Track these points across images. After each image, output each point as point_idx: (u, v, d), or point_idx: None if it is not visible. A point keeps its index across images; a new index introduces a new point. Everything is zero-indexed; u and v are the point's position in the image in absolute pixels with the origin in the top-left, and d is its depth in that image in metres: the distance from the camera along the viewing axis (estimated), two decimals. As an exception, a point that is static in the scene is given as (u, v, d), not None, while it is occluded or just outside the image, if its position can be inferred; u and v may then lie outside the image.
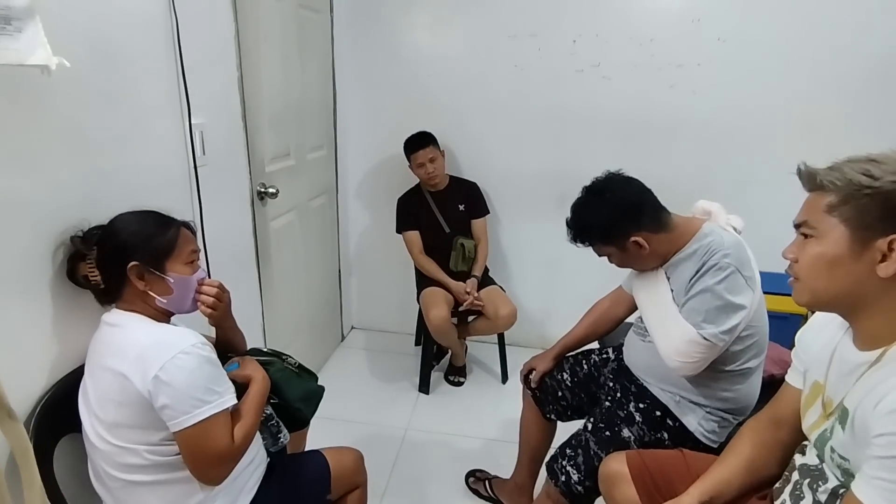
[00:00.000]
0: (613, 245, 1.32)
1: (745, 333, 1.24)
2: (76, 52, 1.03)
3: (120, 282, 1.02)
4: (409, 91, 2.56)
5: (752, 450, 1.06)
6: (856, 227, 0.78)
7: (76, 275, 1.05)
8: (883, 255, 0.76)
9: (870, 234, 0.76)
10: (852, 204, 0.78)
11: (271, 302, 2.01)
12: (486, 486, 1.85)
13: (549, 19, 2.36)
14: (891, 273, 0.75)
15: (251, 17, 1.74)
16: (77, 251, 1.05)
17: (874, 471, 0.73)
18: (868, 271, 0.77)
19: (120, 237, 1.02)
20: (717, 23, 2.24)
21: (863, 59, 2.17)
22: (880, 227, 0.75)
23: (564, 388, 1.60)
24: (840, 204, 0.79)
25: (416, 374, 2.49)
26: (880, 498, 0.71)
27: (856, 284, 0.79)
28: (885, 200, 0.75)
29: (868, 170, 0.76)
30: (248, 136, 1.76)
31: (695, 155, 2.40)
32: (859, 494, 0.74)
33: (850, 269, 0.79)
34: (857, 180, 0.77)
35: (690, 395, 1.31)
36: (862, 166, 0.77)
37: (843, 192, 0.78)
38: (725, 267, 1.19)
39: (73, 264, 1.05)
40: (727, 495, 1.04)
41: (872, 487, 0.73)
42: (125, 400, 0.94)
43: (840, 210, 0.79)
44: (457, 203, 2.43)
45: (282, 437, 1.25)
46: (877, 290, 0.78)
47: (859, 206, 0.77)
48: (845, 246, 0.78)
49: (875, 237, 0.76)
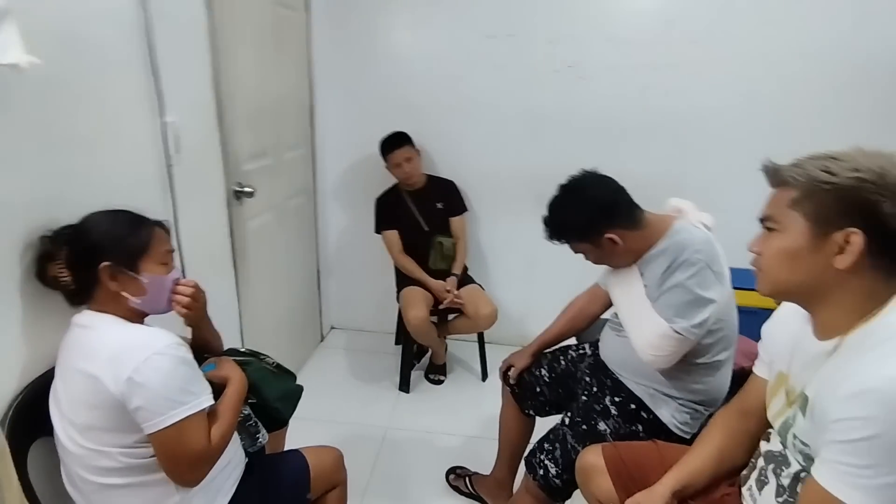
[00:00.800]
0: (589, 242, 1.35)
1: (715, 327, 1.28)
2: (46, 49, 1.01)
3: (91, 282, 1.00)
4: (387, 90, 2.56)
5: (721, 439, 1.09)
6: (815, 222, 0.81)
7: (45, 275, 1.03)
8: (840, 248, 0.79)
9: (828, 228, 0.80)
10: (813, 199, 0.81)
11: (249, 303, 1.99)
12: (466, 483, 1.86)
13: (527, 20, 2.39)
14: (847, 265, 0.79)
15: (225, 14, 1.72)
16: (46, 251, 1.02)
17: (832, 455, 0.76)
18: (826, 263, 0.80)
19: (91, 237, 1.01)
20: (689, 25, 2.30)
21: (829, 62, 2.25)
22: (838, 221, 0.79)
23: (542, 384, 1.62)
24: (801, 199, 0.82)
25: (396, 373, 2.50)
26: (838, 481, 0.75)
27: (815, 276, 0.82)
28: (842, 196, 0.78)
29: (827, 166, 0.80)
30: (223, 135, 1.74)
31: (668, 154, 2.46)
32: (818, 478, 0.77)
33: (809, 262, 0.82)
34: (817, 176, 0.80)
35: (664, 388, 1.35)
36: (822, 163, 0.81)
37: (805, 188, 0.81)
38: (696, 262, 1.23)
39: (42, 265, 1.03)
40: (698, 483, 1.08)
41: (831, 471, 0.76)
42: (98, 402, 0.92)
43: (801, 205, 0.82)
44: (435, 201, 2.44)
45: (260, 437, 1.25)
46: (834, 281, 0.81)
47: (819, 201, 0.80)
48: (806, 239, 0.82)
49: (833, 231, 0.79)
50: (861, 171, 0.77)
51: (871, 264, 0.78)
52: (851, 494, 0.73)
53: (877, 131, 2.20)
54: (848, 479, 0.73)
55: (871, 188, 0.76)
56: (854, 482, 0.73)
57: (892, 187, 0.76)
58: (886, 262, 0.79)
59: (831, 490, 0.75)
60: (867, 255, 0.78)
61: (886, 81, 2.23)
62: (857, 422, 0.72)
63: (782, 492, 0.91)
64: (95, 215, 1.04)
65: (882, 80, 2.24)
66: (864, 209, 0.77)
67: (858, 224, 0.77)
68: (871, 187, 0.76)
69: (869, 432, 0.71)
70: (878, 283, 0.80)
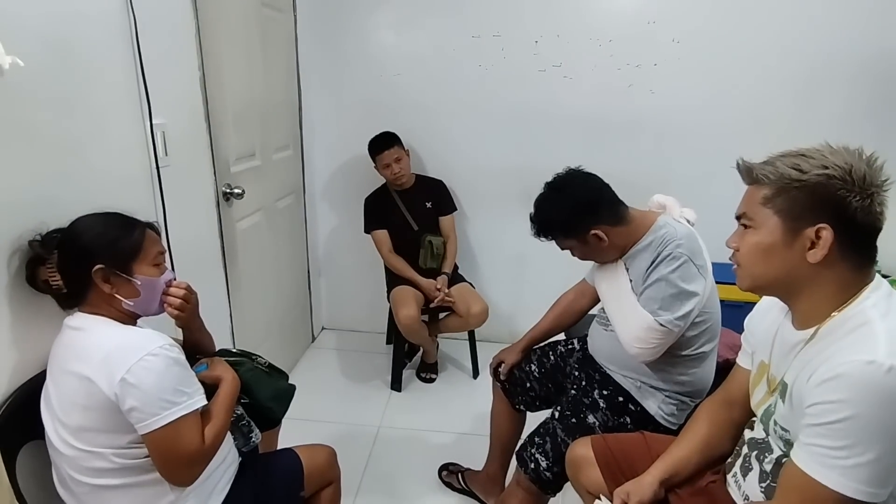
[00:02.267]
0: (574, 238, 1.37)
1: (698, 319, 1.31)
2: (30, 50, 1.01)
3: (84, 285, 1.00)
4: (375, 90, 2.57)
5: (707, 429, 1.12)
6: (787, 218, 0.84)
7: (36, 280, 1.03)
8: (812, 243, 0.82)
9: (800, 224, 0.83)
10: (784, 196, 0.84)
11: (239, 304, 1.99)
12: (458, 479, 1.88)
13: (512, 20, 2.41)
14: (819, 259, 0.82)
15: (212, 16, 1.72)
16: (36, 255, 1.02)
17: (809, 438, 0.79)
18: (800, 258, 0.83)
19: (83, 240, 1.01)
20: (671, 24, 2.33)
21: (809, 60, 2.30)
22: (809, 216, 0.82)
23: (532, 379, 1.64)
24: (774, 196, 0.85)
25: (387, 372, 2.51)
26: (815, 463, 0.78)
27: (789, 270, 0.86)
28: (811, 192, 0.81)
29: (797, 164, 0.83)
30: (211, 137, 1.74)
31: (652, 151, 2.49)
32: (797, 460, 0.81)
33: (783, 256, 0.85)
34: (788, 174, 0.83)
35: (650, 381, 1.37)
36: (792, 161, 0.84)
37: (776, 186, 0.84)
38: (679, 256, 1.26)
39: (32, 269, 1.03)
40: (685, 472, 1.10)
41: (808, 454, 0.79)
42: (91, 404, 0.93)
43: (774, 202, 0.85)
44: (424, 201, 2.45)
45: (253, 436, 1.25)
46: (808, 274, 0.84)
47: (790, 198, 0.83)
48: (779, 235, 0.85)
49: (804, 226, 0.82)
50: (829, 168, 0.80)
51: (841, 256, 0.82)
52: (828, 475, 0.76)
53: (852, 127, 2.27)
54: (824, 461, 0.76)
55: (839, 184, 0.79)
56: (830, 463, 0.76)
57: (860, 182, 0.79)
58: (856, 254, 0.82)
59: (808, 471, 0.78)
60: (837, 248, 0.81)
61: (862, 79, 2.29)
62: (830, 405, 0.75)
63: (765, 477, 0.94)
64: (85, 218, 1.04)
65: (858, 78, 2.29)
66: (833, 205, 0.80)
67: (828, 219, 0.80)
68: (838, 183, 0.79)
69: (842, 415, 0.74)
70: (850, 273, 0.83)
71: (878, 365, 0.73)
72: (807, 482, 0.78)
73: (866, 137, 0.97)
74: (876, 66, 2.27)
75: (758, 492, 0.95)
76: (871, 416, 0.73)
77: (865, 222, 0.80)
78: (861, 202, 0.79)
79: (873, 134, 2.26)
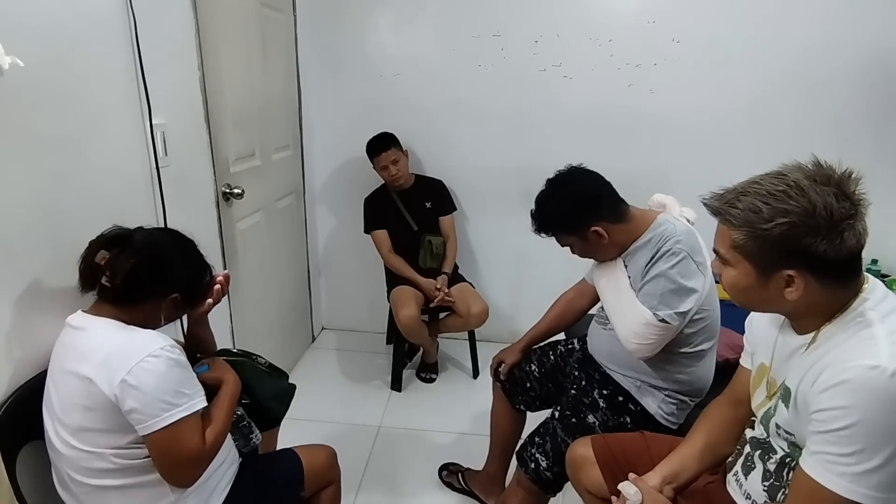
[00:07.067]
0: (575, 235, 1.37)
1: (697, 317, 1.30)
2: (30, 51, 1.01)
3: (145, 298, 1.02)
4: (375, 90, 2.57)
5: (712, 429, 1.12)
6: (757, 265, 0.83)
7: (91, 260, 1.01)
8: (787, 282, 0.82)
9: (770, 269, 0.82)
10: (751, 244, 0.82)
11: (239, 304, 1.99)
12: (459, 479, 1.88)
13: (512, 20, 2.41)
14: (797, 297, 0.82)
15: (212, 16, 1.72)
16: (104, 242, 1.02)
17: (816, 446, 0.79)
18: (778, 295, 0.84)
19: (174, 270, 1.05)
20: (671, 24, 2.33)
21: (809, 60, 2.30)
22: (778, 263, 0.81)
23: (532, 379, 1.64)
24: (742, 242, 0.83)
25: (388, 372, 2.51)
26: (825, 470, 0.78)
27: (771, 303, 0.87)
28: (776, 243, 0.80)
29: (760, 208, 0.80)
30: (211, 137, 1.74)
31: (652, 151, 2.49)
32: (806, 469, 0.81)
33: (762, 294, 0.86)
34: (751, 220, 0.81)
35: (650, 380, 1.37)
36: (756, 203, 0.80)
37: (743, 233, 0.82)
38: (678, 252, 1.26)
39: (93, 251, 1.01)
40: (688, 473, 1.09)
41: (816, 461, 0.79)
42: (91, 404, 0.93)
43: (743, 248, 0.84)
44: (423, 201, 2.45)
45: (254, 437, 1.25)
46: (792, 304, 0.84)
47: (757, 246, 0.82)
48: (753, 278, 0.85)
49: (775, 272, 0.82)
50: (790, 214, 0.77)
51: (822, 286, 0.81)
52: (837, 482, 0.76)
53: (851, 127, 2.27)
54: (833, 468, 0.77)
55: (802, 232, 0.77)
56: (839, 470, 0.76)
57: (825, 224, 0.76)
58: (838, 280, 0.82)
59: (818, 479, 0.78)
60: (816, 283, 0.80)
61: (862, 79, 2.29)
62: (836, 411, 0.75)
63: (769, 476, 0.94)
64: (167, 238, 1.09)
65: (858, 78, 2.29)
66: (800, 253, 0.78)
67: (797, 266, 0.80)
68: (802, 231, 0.77)
69: (847, 421, 0.74)
70: (837, 292, 0.83)
71: (881, 370, 0.73)
72: (817, 490, 0.78)
73: (866, 137, 0.97)
74: (876, 66, 2.27)
75: (760, 490, 0.95)
76: (876, 421, 0.73)
77: (839, 257, 0.78)
78: (829, 243, 0.76)
79: (873, 134, 2.27)
